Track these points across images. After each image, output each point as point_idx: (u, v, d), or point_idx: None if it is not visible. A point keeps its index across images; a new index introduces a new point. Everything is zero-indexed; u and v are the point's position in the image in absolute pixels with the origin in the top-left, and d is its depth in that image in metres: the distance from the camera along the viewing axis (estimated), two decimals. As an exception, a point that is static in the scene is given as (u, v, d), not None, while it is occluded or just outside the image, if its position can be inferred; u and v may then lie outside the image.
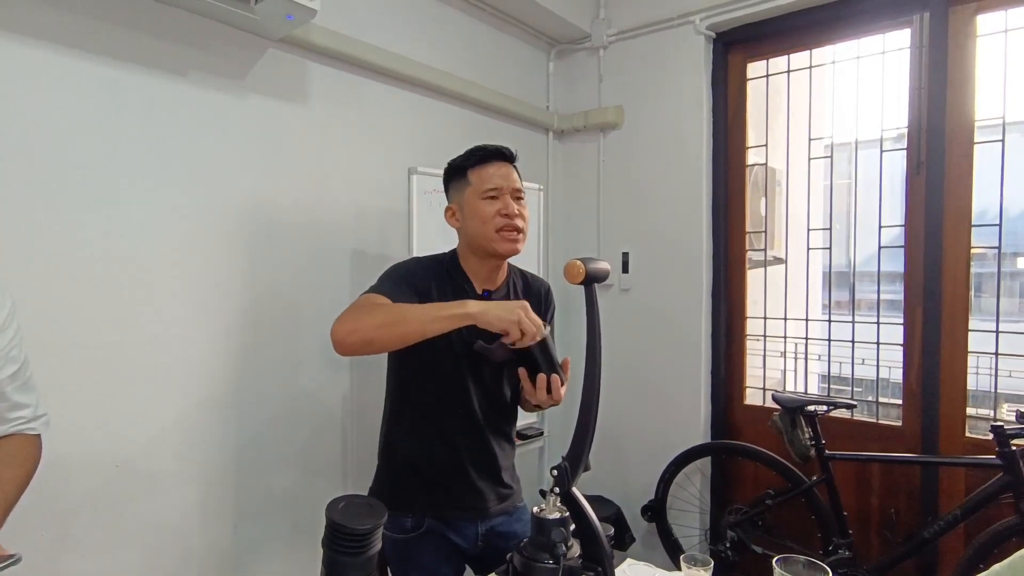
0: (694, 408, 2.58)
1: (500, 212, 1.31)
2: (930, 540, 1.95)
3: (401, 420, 1.41)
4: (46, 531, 1.40)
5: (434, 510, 1.34)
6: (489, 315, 1.07)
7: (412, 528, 1.32)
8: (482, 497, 1.37)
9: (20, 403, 1.00)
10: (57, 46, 1.41)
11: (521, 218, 1.33)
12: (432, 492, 1.35)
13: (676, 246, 2.61)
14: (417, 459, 1.37)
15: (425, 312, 1.13)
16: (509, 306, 1.08)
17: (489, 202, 1.32)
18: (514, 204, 1.33)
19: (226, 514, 1.74)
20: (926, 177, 2.13)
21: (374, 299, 1.23)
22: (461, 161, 1.38)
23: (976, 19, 2.07)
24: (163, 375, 1.60)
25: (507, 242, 1.32)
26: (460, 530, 1.36)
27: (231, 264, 1.74)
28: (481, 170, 1.34)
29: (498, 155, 1.36)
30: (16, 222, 1.34)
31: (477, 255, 1.37)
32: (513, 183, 1.35)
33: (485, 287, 1.39)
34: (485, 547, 1.38)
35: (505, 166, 1.36)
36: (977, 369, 2.18)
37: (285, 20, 1.67)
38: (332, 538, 0.79)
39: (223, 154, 1.71)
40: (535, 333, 1.07)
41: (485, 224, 1.31)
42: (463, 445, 1.35)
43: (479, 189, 1.33)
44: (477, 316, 1.08)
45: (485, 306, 1.09)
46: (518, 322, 1.05)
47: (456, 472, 1.35)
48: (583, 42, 2.82)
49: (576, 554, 0.96)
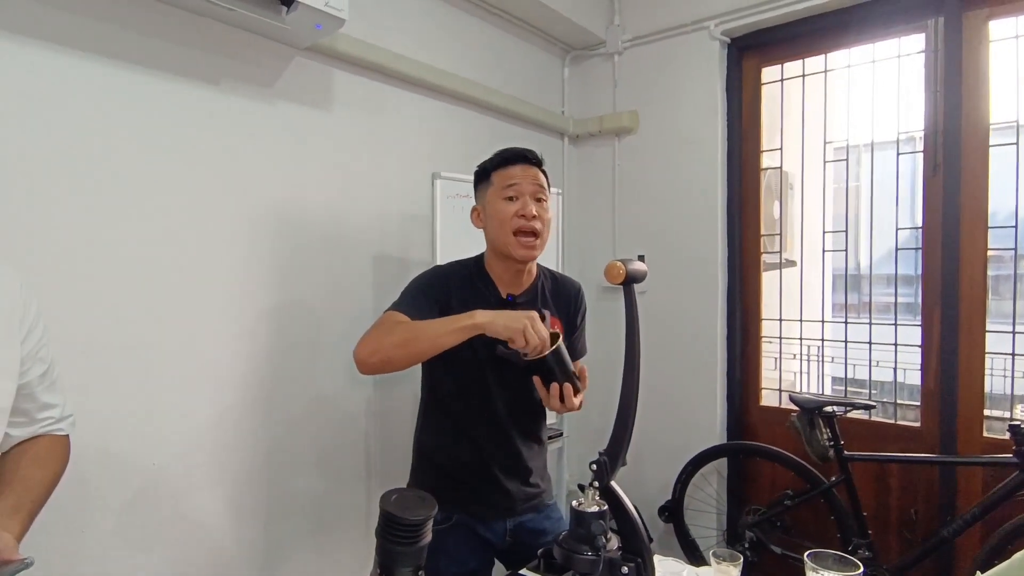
0: (710, 409, 2.60)
1: (518, 212, 1.31)
2: (949, 539, 1.96)
3: (429, 420, 1.44)
4: (84, 530, 1.43)
5: (462, 506, 1.36)
6: (496, 324, 1.12)
7: (442, 521, 1.35)
8: (509, 496, 1.39)
9: (49, 403, 1.00)
10: (98, 56, 1.45)
11: (540, 220, 1.32)
12: (459, 490, 1.37)
13: (691, 249, 2.64)
14: (444, 459, 1.39)
15: (437, 327, 1.17)
16: (516, 315, 1.12)
17: (508, 203, 1.32)
18: (533, 205, 1.31)
19: (258, 514, 1.77)
20: (943, 179, 2.15)
21: (393, 318, 1.25)
22: (486, 163, 1.40)
23: (989, 24, 2.10)
24: (196, 377, 1.63)
25: (523, 247, 1.32)
26: (488, 525, 1.39)
27: (258, 267, 1.77)
28: (503, 171, 1.35)
29: (522, 157, 1.36)
30: (53, 227, 1.38)
31: (499, 258, 1.38)
32: (533, 182, 1.34)
33: (510, 291, 1.39)
34: (514, 542, 1.40)
35: (529, 168, 1.36)
36: (993, 370, 2.20)
37: (314, 29, 1.71)
38: (386, 528, 0.82)
39: (252, 160, 1.75)
40: (539, 345, 1.10)
41: (503, 225, 1.32)
42: (488, 446, 1.38)
43: (499, 188, 1.34)
44: (485, 326, 1.12)
45: (492, 316, 1.13)
46: (523, 331, 1.09)
47: (482, 472, 1.38)
48: (598, 48, 2.86)
49: (615, 546, 0.99)
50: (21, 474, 0.93)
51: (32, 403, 0.97)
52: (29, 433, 0.98)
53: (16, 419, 0.94)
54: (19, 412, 0.95)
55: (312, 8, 1.58)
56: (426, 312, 1.27)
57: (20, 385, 0.93)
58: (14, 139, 1.32)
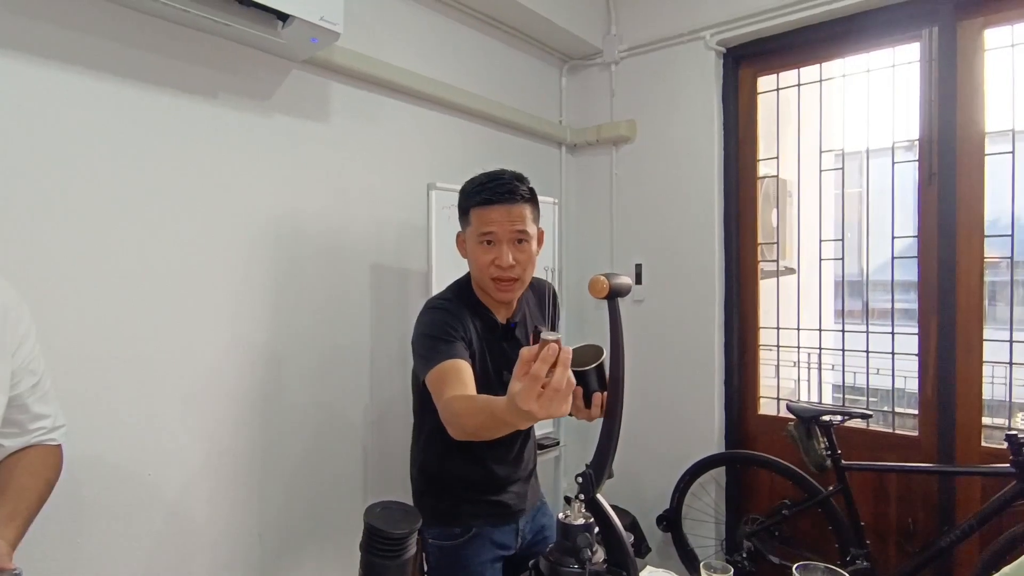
0: (708, 418, 2.60)
1: (494, 262, 1.27)
2: (947, 549, 1.95)
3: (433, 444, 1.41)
4: (78, 539, 1.44)
5: (481, 518, 1.39)
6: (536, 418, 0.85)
7: (461, 534, 1.38)
8: (520, 498, 1.45)
9: (40, 414, 1.01)
10: (99, 72, 1.47)
11: (520, 266, 1.28)
12: (475, 503, 1.40)
13: (689, 257, 2.65)
14: (453, 479, 1.41)
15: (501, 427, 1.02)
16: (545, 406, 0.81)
17: (485, 248, 1.28)
18: (509, 253, 1.26)
19: (253, 524, 1.78)
20: (939, 187, 2.15)
21: (446, 387, 1.15)
22: (466, 197, 1.32)
23: (984, 33, 2.10)
24: (193, 387, 1.64)
25: (500, 292, 1.31)
26: (504, 530, 1.42)
27: (256, 277, 1.79)
28: (481, 212, 1.28)
29: (502, 199, 1.26)
30: (52, 239, 1.40)
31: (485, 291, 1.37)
32: (514, 225, 1.27)
33: (507, 317, 1.40)
34: (523, 544, 1.46)
35: (510, 209, 1.26)
36: (992, 378, 2.19)
37: (310, 43, 1.73)
38: (370, 542, 0.82)
39: (249, 172, 1.77)
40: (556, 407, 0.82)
41: (480, 271, 1.31)
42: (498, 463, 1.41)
43: (476, 231, 1.29)
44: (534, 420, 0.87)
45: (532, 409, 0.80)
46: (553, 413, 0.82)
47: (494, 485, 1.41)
48: (595, 58, 2.88)
49: (600, 559, 0.99)
50: (15, 483, 0.94)
51: (24, 414, 0.98)
52: (22, 443, 0.99)
53: (8, 430, 0.96)
54: (11, 423, 0.96)
55: (307, 22, 1.60)
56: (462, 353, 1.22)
57: (12, 396, 0.94)
58: (14, 152, 1.34)
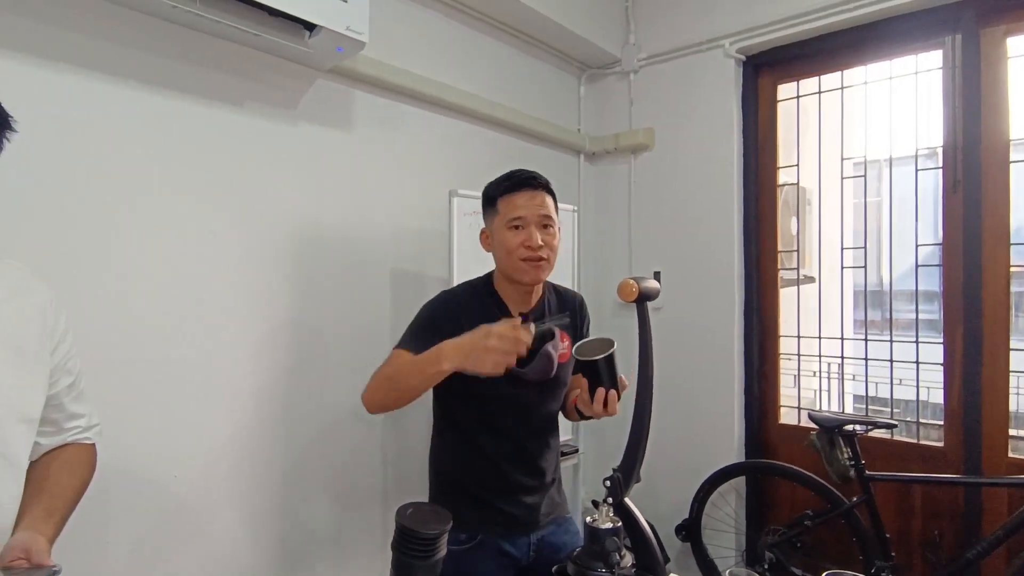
0: (728, 427, 2.58)
1: (524, 243, 1.31)
2: (974, 561, 1.92)
3: (445, 442, 1.44)
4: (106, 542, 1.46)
5: (488, 525, 1.37)
6: (465, 364, 1.10)
7: (466, 540, 1.35)
8: (532, 510, 1.40)
9: (76, 413, 1.03)
10: (129, 81, 1.51)
11: (548, 247, 1.33)
12: (484, 509, 1.38)
13: (708, 265, 2.64)
14: (464, 479, 1.40)
15: (411, 379, 1.20)
16: (476, 344, 1.09)
17: (514, 232, 1.33)
18: (538, 234, 1.32)
19: (275, 528, 1.79)
20: (963, 195, 2.13)
21: (394, 360, 1.28)
22: (492, 189, 1.39)
23: (1007, 41, 2.09)
24: (214, 392, 1.66)
25: (530, 272, 1.34)
26: (513, 541, 1.39)
27: (278, 284, 1.81)
28: (508, 199, 1.34)
29: (527, 183, 1.35)
30: (77, 244, 1.43)
31: (508, 281, 1.39)
32: (540, 210, 1.34)
33: (520, 310, 1.41)
34: (537, 557, 1.40)
35: (534, 194, 1.34)
36: (1019, 389, 2.15)
37: (335, 52, 1.76)
38: (402, 542, 0.83)
39: (274, 179, 1.80)
40: (513, 347, 1.05)
41: (510, 254, 1.33)
42: (508, 465, 1.38)
43: (505, 218, 1.34)
44: (455, 369, 1.12)
45: (458, 355, 1.11)
46: (488, 359, 1.06)
47: (504, 491, 1.38)
48: (614, 66, 2.89)
49: (629, 563, 0.99)
50: (52, 481, 0.96)
51: (60, 413, 1.00)
52: (58, 442, 1.01)
53: (45, 428, 0.97)
54: (48, 422, 0.98)
55: (334, 32, 1.62)
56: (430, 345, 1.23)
57: (49, 396, 0.96)
58: (44, 161, 1.37)
